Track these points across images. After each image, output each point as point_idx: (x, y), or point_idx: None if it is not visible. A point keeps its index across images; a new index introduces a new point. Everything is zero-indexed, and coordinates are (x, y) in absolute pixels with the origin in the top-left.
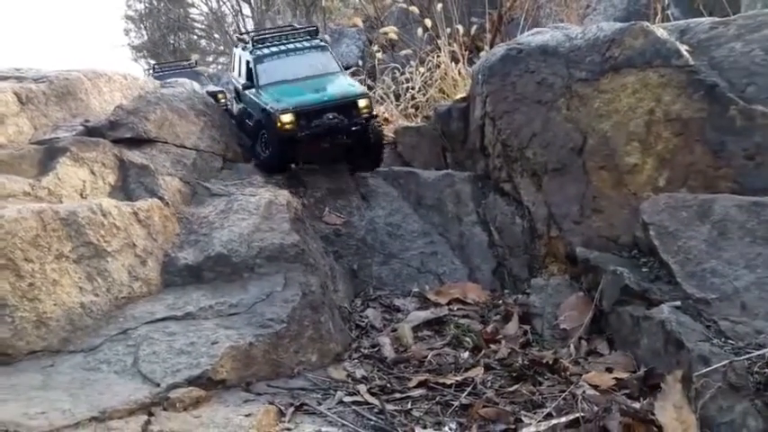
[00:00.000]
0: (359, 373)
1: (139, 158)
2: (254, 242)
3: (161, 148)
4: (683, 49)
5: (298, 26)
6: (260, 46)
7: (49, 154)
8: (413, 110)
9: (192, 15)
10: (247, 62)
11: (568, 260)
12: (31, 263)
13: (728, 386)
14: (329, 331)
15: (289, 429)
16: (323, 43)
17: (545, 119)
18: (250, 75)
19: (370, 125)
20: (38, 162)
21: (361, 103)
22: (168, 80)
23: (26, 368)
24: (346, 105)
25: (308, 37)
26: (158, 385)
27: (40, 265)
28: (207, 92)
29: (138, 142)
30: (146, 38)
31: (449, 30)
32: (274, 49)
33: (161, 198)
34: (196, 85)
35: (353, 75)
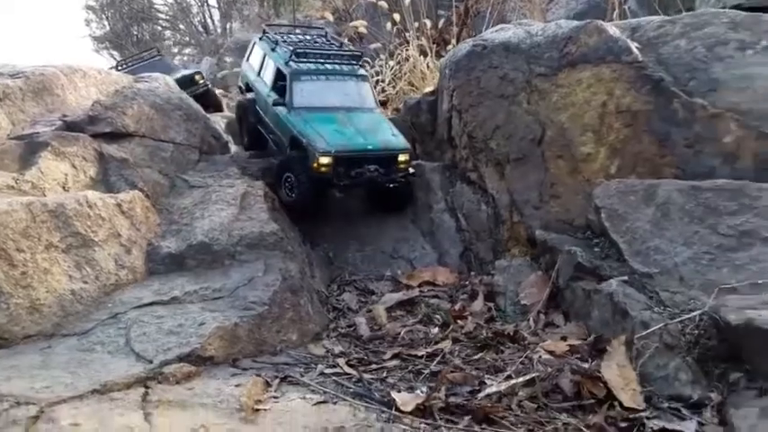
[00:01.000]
0: (337, 349)
1: (119, 152)
2: (234, 231)
3: (139, 142)
4: (634, 46)
5: (344, 47)
6: (300, 59)
7: (30, 149)
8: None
9: (155, 5)
10: (279, 70)
11: (529, 243)
12: (23, 252)
13: (664, 346)
14: (308, 313)
15: (275, 397)
16: (364, 72)
17: (507, 112)
18: (281, 88)
19: (406, 179)
20: (19, 156)
21: (402, 157)
22: (142, 74)
23: (24, 351)
24: (388, 158)
25: (352, 62)
26: (151, 362)
27: (32, 254)
28: (183, 75)
29: (117, 136)
30: (108, 29)
31: (417, 24)
32: (313, 66)
33: (141, 190)
34: (169, 79)
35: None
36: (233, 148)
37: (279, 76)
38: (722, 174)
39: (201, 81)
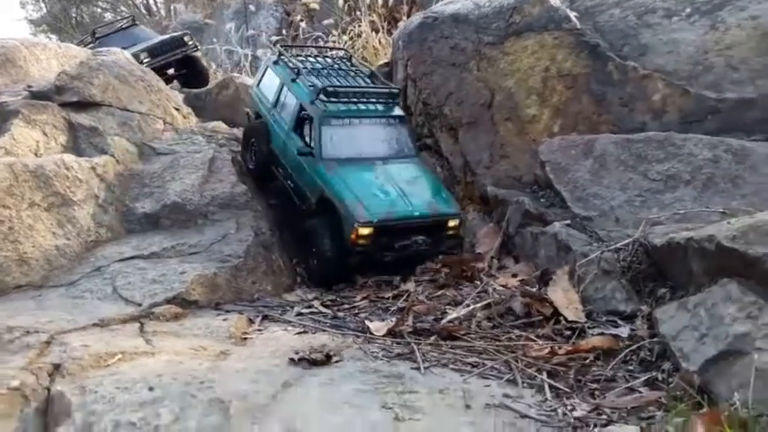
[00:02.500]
0: (310, 296)
1: (87, 121)
2: (205, 192)
3: (107, 111)
4: (573, 15)
5: (375, 77)
6: (330, 99)
7: (0, 117)
8: None
9: None
10: (302, 107)
11: (482, 200)
12: (9, 209)
13: (602, 272)
14: (280, 267)
15: (260, 330)
16: (402, 113)
17: (459, 79)
18: (303, 129)
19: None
20: None
21: (452, 223)
22: (100, 49)
23: (17, 298)
24: (437, 225)
25: (389, 100)
26: (140, 305)
27: (17, 211)
28: (171, 37)
29: (85, 106)
30: (45, 11)
31: (368, 0)
32: (344, 107)
33: (112, 156)
34: (128, 54)
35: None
36: (194, 119)
37: (302, 113)
38: (652, 128)
39: (191, 42)
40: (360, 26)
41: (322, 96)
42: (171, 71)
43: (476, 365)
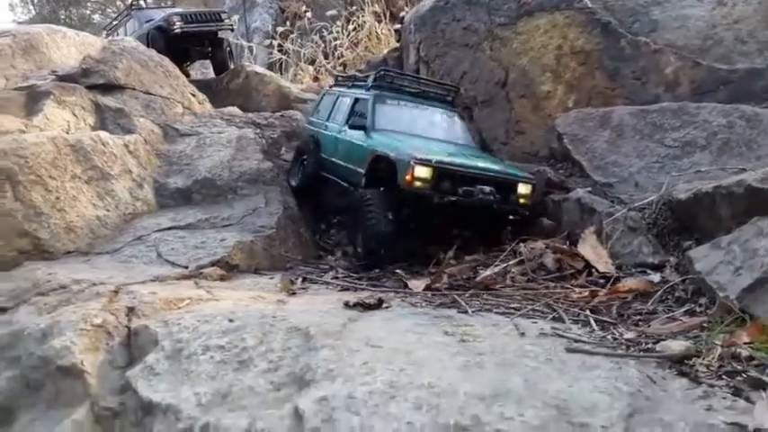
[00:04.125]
0: (342, 263)
1: (113, 103)
2: (234, 168)
3: (131, 94)
4: None
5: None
6: (384, 82)
7: (32, 98)
8: (341, 67)
9: None
10: (356, 100)
11: None
12: (54, 180)
13: (628, 229)
14: (307, 240)
15: (303, 288)
16: (457, 109)
17: (472, 59)
18: (359, 117)
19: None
20: (23, 105)
21: (523, 188)
22: (115, 37)
23: (69, 261)
24: (505, 184)
25: (446, 93)
26: (187, 267)
27: (61, 182)
28: (209, 10)
29: (110, 88)
30: (34, 13)
31: None
32: (397, 92)
33: (140, 135)
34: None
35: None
36: (208, 105)
37: (356, 107)
38: (665, 100)
39: (228, 21)
40: (363, 17)
41: (376, 82)
42: (203, 48)
43: (518, 309)
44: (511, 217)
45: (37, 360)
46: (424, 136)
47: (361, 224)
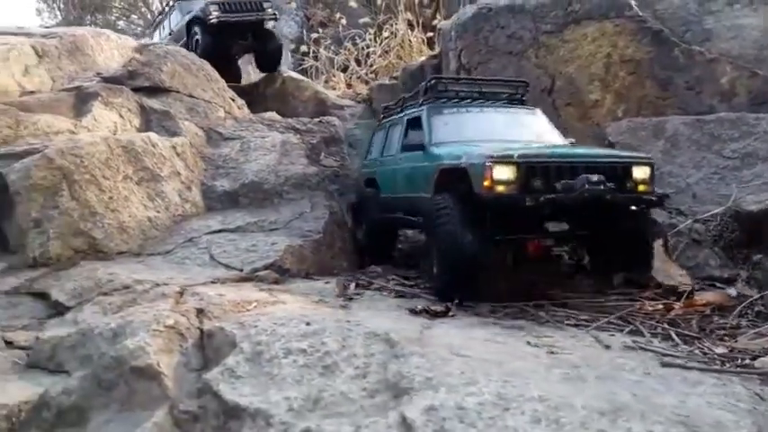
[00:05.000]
0: (388, 270)
1: (158, 105)
2: (279, 172)
3: (175, 97)
4: (633, 2)
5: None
6: (439, 95)
7: (80, 99)
8: (372, 75)
9: None
10: (411, 122)
11: None
12: (108, 180)
13: (692, 242)
14: (353, 245)
15: (358, 293)
16: (529, 106)
17: (517, 66)
18: (414, 139)
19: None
20: (72, 105)
21: (639, 172)
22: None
23: (124, 262)
24: (616, 169)
25: (514, 90)
26: (242, 270)
27: (114, 182)
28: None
29: (155, 91)
30: (60, 18)
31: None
32: (457, 98)
33: (185, 138)
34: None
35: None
36: (246, 109)
37: (410, 128)
38: (720, 110)
39: (270, 10)
40: (396, 24)
41: (429, 93)
42: (245, 41)
43: (591, 321)
44: (633, 208)
45: (109, 360)
46: (498, 139)
47: (435, 241)
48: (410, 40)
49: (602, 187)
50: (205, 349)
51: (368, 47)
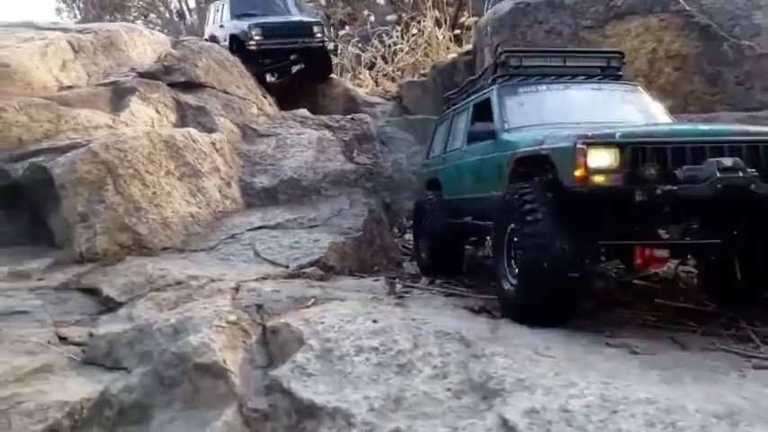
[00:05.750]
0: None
1: (194, 101)
2: (317, 169)
3: (210, 93)
4: None
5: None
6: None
7: (117, 93)
8: (398, 72)
9: None
10: (477, 108)
11: None
12: (151, 175)
13: None
14: (391, 243)
15: (406, 292)
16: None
17: None
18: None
19: None
20: (109, 100)
21: None
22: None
23: (170, 258)
24: (756, 150)
25: (607, 64)
26: (287, 267)
27: (157, 177)
28: (298, 22)
29: (190, 86)
30: (79, 18)
31: None
32: (536, 85)
33: (221, 134)
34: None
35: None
36: (276, 107)
37: (477, 115)
38: None
39: (319, 34)
40: (423, 21)
41: (501, 70)
42: (292, 57)
43: (661, 320)
44: None
45: (171, 357)
46: (591, 122)
47: (512, 249)
48: (437, 37)
49: (741, 175)
50: (269, 345)
51: (394, 44)
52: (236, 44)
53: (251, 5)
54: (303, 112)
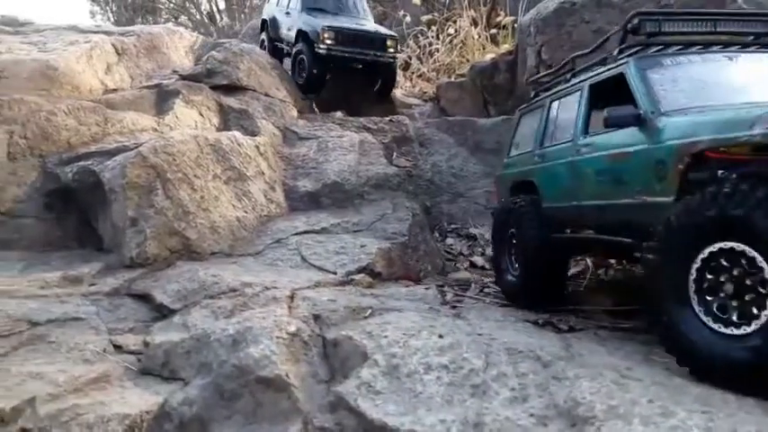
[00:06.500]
0: (473, 276)
1: (236, 104)
2: (360, 173)
3: (252, 95)
4: None
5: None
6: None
7: (161, 96)
8: (434, 73)
9: None
10: (594, 88)
11: None
12: (199, 179)
13: None
14: (435, 248)
15: (458, 301)
16: None
17: None
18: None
19: None
20: (154, 103)
21: None
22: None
23: (219, 263)
24: None
25: None
26: (335, 273)
27: (204, 181)
28: (373, 34)
29: (232, 89)
30: (113, 20)
31: None
32: (689, 55)
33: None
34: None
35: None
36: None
37: (596, 99)
38: None
39: (392, 49)
40: (461, 21)
41: (636, 36)
42: (359, 66)
43: None
44: None
45: (231, 369)
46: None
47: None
48: (473, 37)
49: None
50: (330, 358)
51: (430, 44)
52: (303, 39)
53: (329, 3)
54: (340, 114)
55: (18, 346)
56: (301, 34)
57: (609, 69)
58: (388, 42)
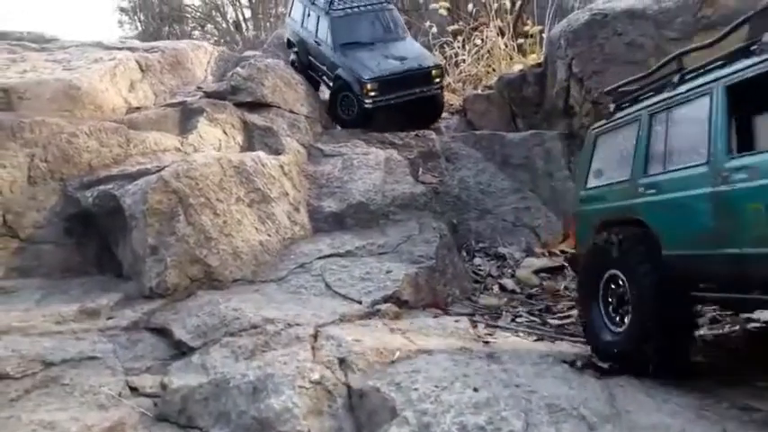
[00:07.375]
0: (503, 301)
1: (261, 121)
2: (386, 192)
3: (276, 112)
4: None
5: None
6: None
7: (184, 114)
8: (460, 84)
9: (186, 5)
10: (731, 89)
11: None
12: (221, 203)
13: None
14: (463, 270)
15: (490, 334)
16: None
17: None
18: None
19: None
20: (178, 122)
21: None
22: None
23: (240, 291)
24: None
25: None
26: (360, 302)
27: (227, 205)
28: (416, 70)
29: (256, 106)
30: (140, 29)
31: (496, 5)
32: None
33: (290, 156)
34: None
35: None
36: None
37: (742, 100)
38: None
39: (438, 79)
40: (487, 31)
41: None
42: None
43: None
44: None
45: (251, 421)
46: None
47: None
48: (500, 47)
49: None
50: (355, 411)
51: (456, 54)
52: (344, 85)
53: (354, 31)
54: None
55: (31, 389)
56: (339, 79)
57: (754, 66)
58: (434, 73)
